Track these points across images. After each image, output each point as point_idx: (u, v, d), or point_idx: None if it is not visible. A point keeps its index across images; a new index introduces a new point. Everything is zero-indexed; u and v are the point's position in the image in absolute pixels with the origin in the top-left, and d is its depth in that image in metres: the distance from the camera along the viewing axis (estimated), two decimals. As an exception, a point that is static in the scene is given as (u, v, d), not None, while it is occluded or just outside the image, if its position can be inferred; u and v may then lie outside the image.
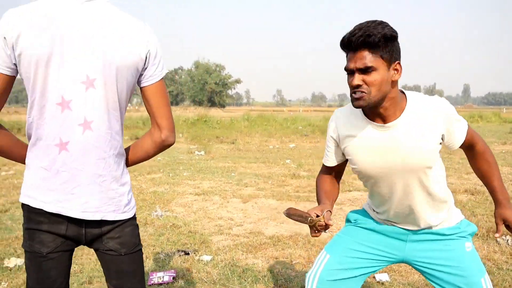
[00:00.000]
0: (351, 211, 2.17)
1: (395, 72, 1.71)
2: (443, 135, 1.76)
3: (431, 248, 1.91)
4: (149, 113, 1.61)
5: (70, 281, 3.32)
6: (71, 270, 2.81)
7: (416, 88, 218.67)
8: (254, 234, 4.64)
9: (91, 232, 1.53)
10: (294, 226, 4.96)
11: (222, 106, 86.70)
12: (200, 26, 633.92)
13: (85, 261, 3.82)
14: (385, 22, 1.67)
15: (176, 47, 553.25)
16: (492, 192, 1.85)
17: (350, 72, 1.71)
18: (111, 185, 1.53)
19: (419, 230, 1.91)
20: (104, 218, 1.51)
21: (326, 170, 2.07)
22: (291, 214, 1.86)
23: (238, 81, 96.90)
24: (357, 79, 1.68)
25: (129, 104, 1.68)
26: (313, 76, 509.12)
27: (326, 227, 1.78)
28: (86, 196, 1.48)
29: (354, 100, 1.71)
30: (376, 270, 2.03)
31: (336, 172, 2.05)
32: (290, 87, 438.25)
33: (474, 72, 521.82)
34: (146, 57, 1.53)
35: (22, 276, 3.47)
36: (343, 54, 1.76)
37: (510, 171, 9.07)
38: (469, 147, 1.86)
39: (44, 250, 1.50)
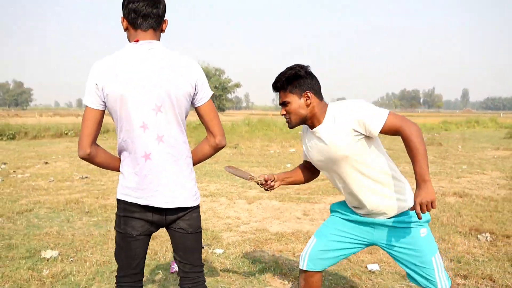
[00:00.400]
0: (333, 203, 2.78)
1: (306, 99, 2.38)
2: (354, 129, 2.29)
3: (393, 235, 2.47)
4: (203, 125, 2.18)
5: (103, 269, 3.85)
6: (102, 260, 3.33)
7: (415, 93, 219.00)
8: (260, 231, 5.16)
9: (169, 217, 2.10)
10: (296, 224, 5.48)
11: (222, 110, 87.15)
12: (199, 30, 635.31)
13: (111, 253, 4.32)
14: (296, 66, 2.42)
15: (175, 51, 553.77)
16: (414, 174, 2.23)
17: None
18: (183, 180, 2.09)
19: (383, 219, 2.46)
20: (179, 206, 2.06)
21: (303, 162, 2.78)
22: (232, 172, 2.66)
23: (237, 85, 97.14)
24: (281, 110, 2.48)
25: None
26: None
27: (267, 185, 2.64)
28: (166, 191, 2.04)
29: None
30: (354, 251, 2.64)
31: (309, 166, 2.72)
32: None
33: (473, 77, 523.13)
34: (195, 85, 2.08)
35: (60, 265, 3.97)
36: (342, 59, 2.62)
37: (499, 175, 9.59)
38: (397, 134, 2.28)
39: (134, 233, 2.08)
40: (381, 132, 2.27)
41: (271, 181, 2.66)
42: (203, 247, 4.49)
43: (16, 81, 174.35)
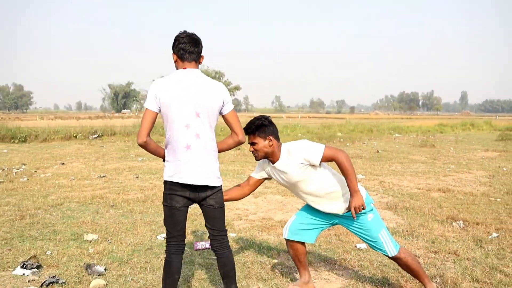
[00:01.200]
0: None
1: (269, 141, 3.30)
2: (301, 163, 3.28)
3: (349, 220, 3.45)
4: (229, 127, 3.05)
5: (138, 248, 4.64)
6: (136, 242, 4.06)
7: (414, 95, 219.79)
8: (266, 220, 6.00)
9: (201, 194, 2.93)
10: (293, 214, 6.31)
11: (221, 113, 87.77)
12: (199, 32, 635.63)
13: (144, 235, 5.15)
14: (261, 117, 3.37)
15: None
16: (348, 187, 3.25)
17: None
18: (212, 166, 2.93)
19: (340, 213, 3.44)
20: (209, 184, 2.89)
21: (248, 179, 3.61)
22: None
23: (237, 88, 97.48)
24: (250, 147, 3.38)
25: (129, 110, 3.14)
26: (311, 83, 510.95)
27: None
28: (201, 173, 2.87)
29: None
30: (324, 227, 3.61)
31: (251, 183, 3.59)
32: (289, 93, 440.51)
33: (472, 80, 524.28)
34: (223, 101, 2.96)
35: (101, 245, 4.80)
36: (341, 62, 3.73)
37: (482, 174, 10.44)
38: (332, 161, 3.25)
39: (177, 205, 2.90)
40: (321, 161, 3.26)
41: None
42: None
43: (16, 84, 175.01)
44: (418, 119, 65.59)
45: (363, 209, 3.21)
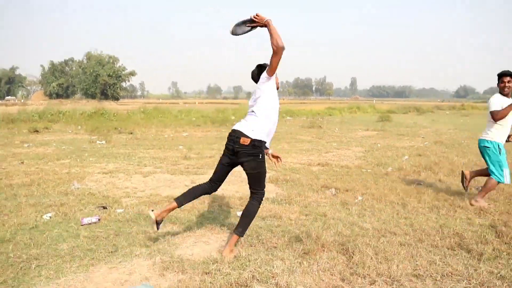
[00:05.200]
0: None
1: None
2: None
3: None
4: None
5: (31, 226, 4.64)
6: (21, 221, 4.09)
7: (308, 81, 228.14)
8: (154, 196, 6.20)
9: (237, 159, 3.89)
10: (184, 189, 6.53)
11: (116, 99, 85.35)
12: (93, 16, 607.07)
13: (29, 216, 5.13)
14: None
15: (66, 37, 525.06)
16: None
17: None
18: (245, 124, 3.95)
19: None
20: (238, 129, 3.87)
21: None
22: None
23: (132, 74, 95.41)
24: (508, 83, 5.50)
25: (14, 97, 3.71)
26: (208, 69, 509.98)
27: None
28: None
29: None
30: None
31: None
32: (186, 79, 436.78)
33: (361, 66, 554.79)
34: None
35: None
36: (239, 48, 4.30)
37: (359, 150, 11.49)
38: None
39: (223, 161, 4.00)
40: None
41: None
42: (106, 208, 5.47)
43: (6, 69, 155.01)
44: (311, 103, 68.55)
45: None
